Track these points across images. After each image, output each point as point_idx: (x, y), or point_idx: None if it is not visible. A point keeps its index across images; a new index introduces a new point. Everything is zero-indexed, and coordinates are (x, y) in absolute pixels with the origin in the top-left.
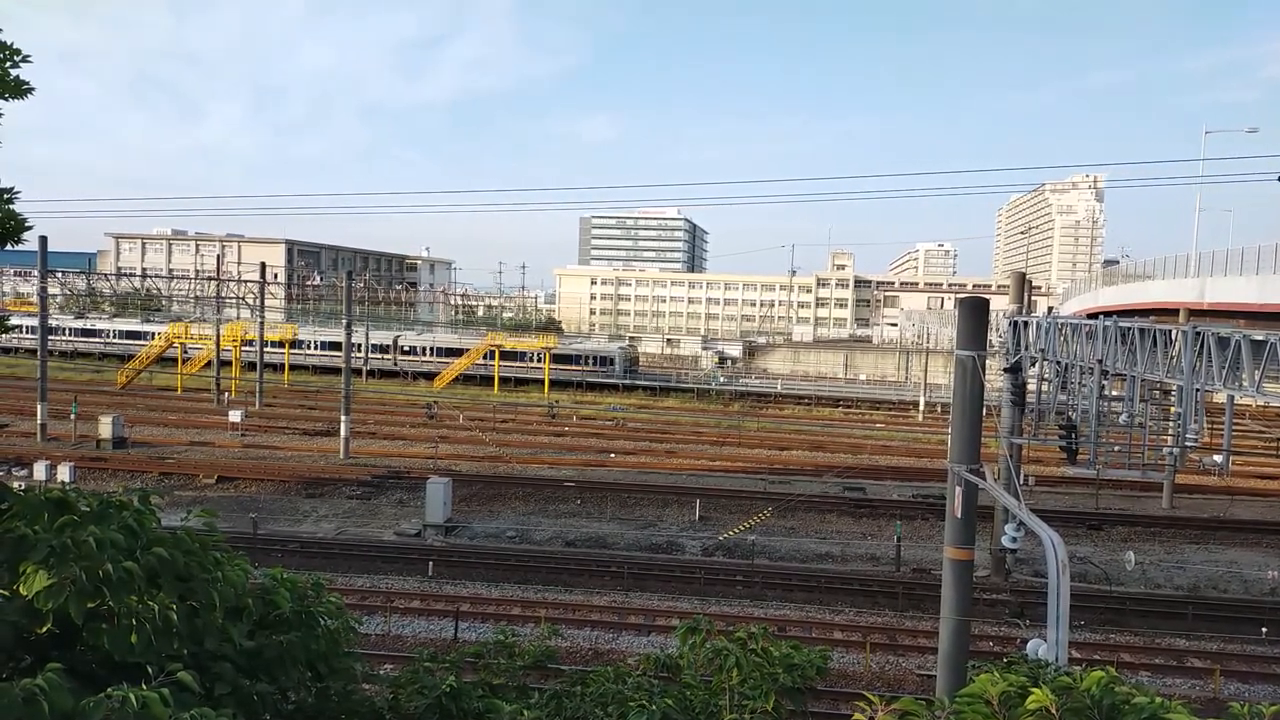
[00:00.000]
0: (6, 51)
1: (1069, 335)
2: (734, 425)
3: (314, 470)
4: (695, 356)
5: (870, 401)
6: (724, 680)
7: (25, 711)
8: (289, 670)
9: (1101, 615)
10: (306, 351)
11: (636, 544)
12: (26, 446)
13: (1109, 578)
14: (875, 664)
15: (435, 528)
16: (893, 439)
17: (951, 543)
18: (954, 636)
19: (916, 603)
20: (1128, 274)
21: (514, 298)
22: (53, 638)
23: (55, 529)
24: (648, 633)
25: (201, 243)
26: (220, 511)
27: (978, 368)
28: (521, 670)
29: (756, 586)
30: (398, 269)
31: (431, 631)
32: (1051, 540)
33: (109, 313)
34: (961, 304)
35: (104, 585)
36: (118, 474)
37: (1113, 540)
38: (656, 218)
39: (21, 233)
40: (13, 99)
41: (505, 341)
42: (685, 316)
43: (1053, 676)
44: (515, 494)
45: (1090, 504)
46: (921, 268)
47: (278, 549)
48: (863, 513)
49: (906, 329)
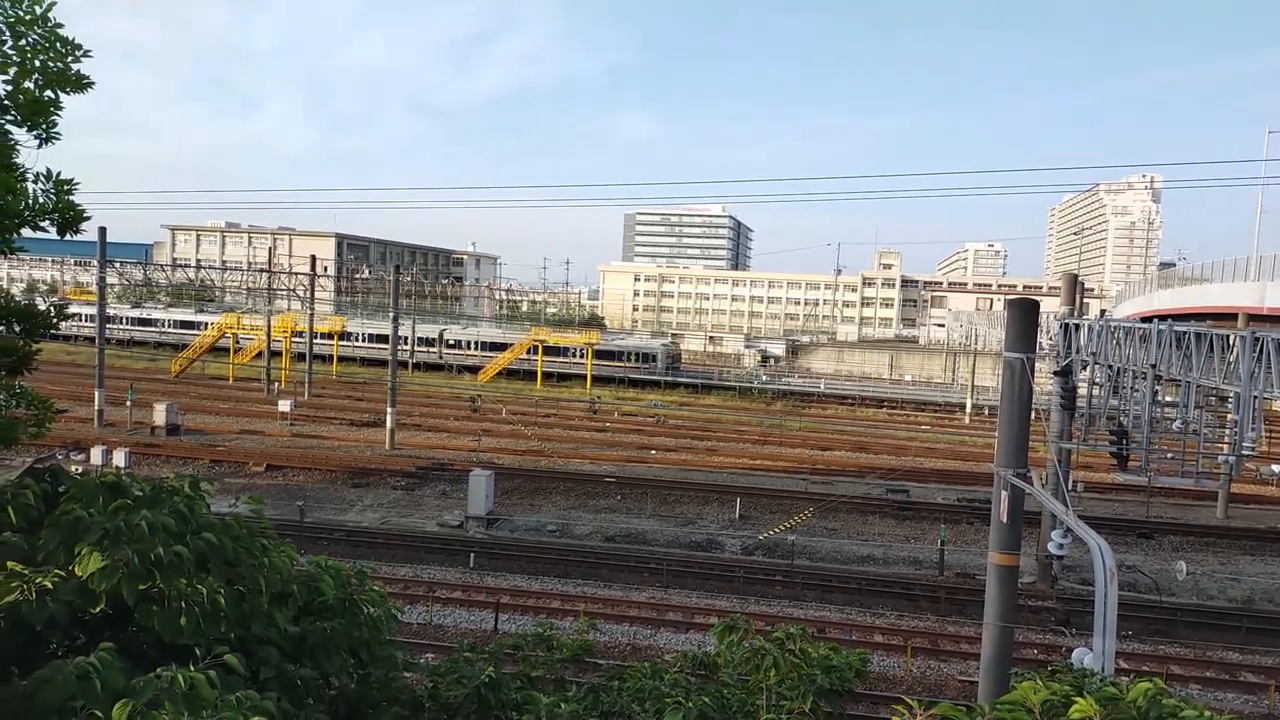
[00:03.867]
0: (69, 47)
1: (1122, 339)
2: (776, 424)
3: (360, 460)
4: (738, 355)
5: (916, 403)
6: (761, 680)
7: (79, 688)
8: (332, 656)
9: (1151, 625)
10: (354, 343)
11: (676, 541)
12: (84, 432)
13: (1159, 587)
14: (916, 669)
15: (477, 520)
16: (938, 441)
17: (996, 548)
18: (997, 643)
19: (959, 608)
20: (1184, 277)
21: (558, 294)
22: (106, 618)
23: (110, 512)
24: (686, 630)
25: (254, 235)
26: (268, 499)
27: (1026, 370)
28: (560, 663)
29: (796, 587)
30: (444, 263)
31: (472, 622)
32: (1099, 547)
33: (164, 303)
34: (1011, 305)
35: (155, 568)
36: (170, 460)
37: (1164, 549)
38: (701, 215)
39: (81, 223)
40: (74, 93)
41: (549, 337)
42: (728, 314)
43: (1098, 686)
44: (556, 488)
45: (1141, 512)
46: (971, 268)
47: (324, 537)
48: (906, 515)
49: (954, 330)
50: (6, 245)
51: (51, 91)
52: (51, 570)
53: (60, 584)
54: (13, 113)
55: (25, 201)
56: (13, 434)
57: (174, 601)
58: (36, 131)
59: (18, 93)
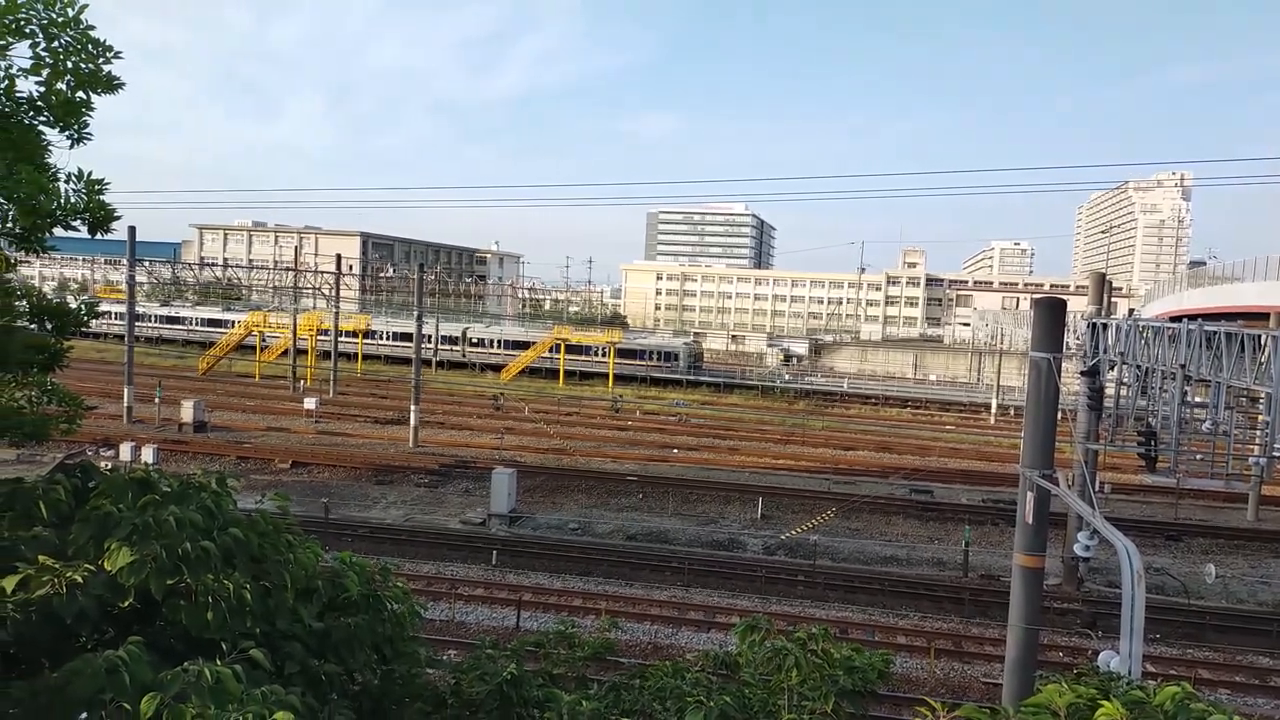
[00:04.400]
0: (100, 49)
1: (1150, 338)
2: (798, 424)
3: (384, 458)
4: (760, 354)
5: (940, 403)
6: (783, 680)
7: (108, 681)
8: (356, 652)
9: (1179, 629)
10: (379, 342)
11: (697, 540)
12: (113, 428)
13: (1187, 590)
14: (939, 670)
15: (500, 517)
16: (963, 442)
17: (1021, 549)
18: (1022, 645)
19: (983, 609)
20: (1215, 276)
21: (580, 292)
22: (134, 612)
23: (138, 508)
24: (707, 629)
25: (280, 234)
26: (293, 496)
27: (1053, 370)
28: (581, 661)
29: (818, 587)
30: (468, 262)
31: (494, 619)
32: (1126, 549)
33: (192, 301)
34: (1037, 304)
35: (183, 563)
36: (197, 457)
37: (1192, 552)
38: (723, 213)
39: (112, 222)
40: (105, 94)
41: (571, 335)
42: (751, 313)
43: (1124, 690)
44: (578, 486)
45: (1169, 514)
46: (996, 266)
47: (348, 534)
48: (930, 516)
49: (979, 329)
50: (39, 244)
51: (83, 92)
52: (81, 564)
53: (90, 578)
54: (46, 113)
55: (57, 201)
56: (45, 430)
57: (201, 596)
58: (68, 132)
59: (50, 94)
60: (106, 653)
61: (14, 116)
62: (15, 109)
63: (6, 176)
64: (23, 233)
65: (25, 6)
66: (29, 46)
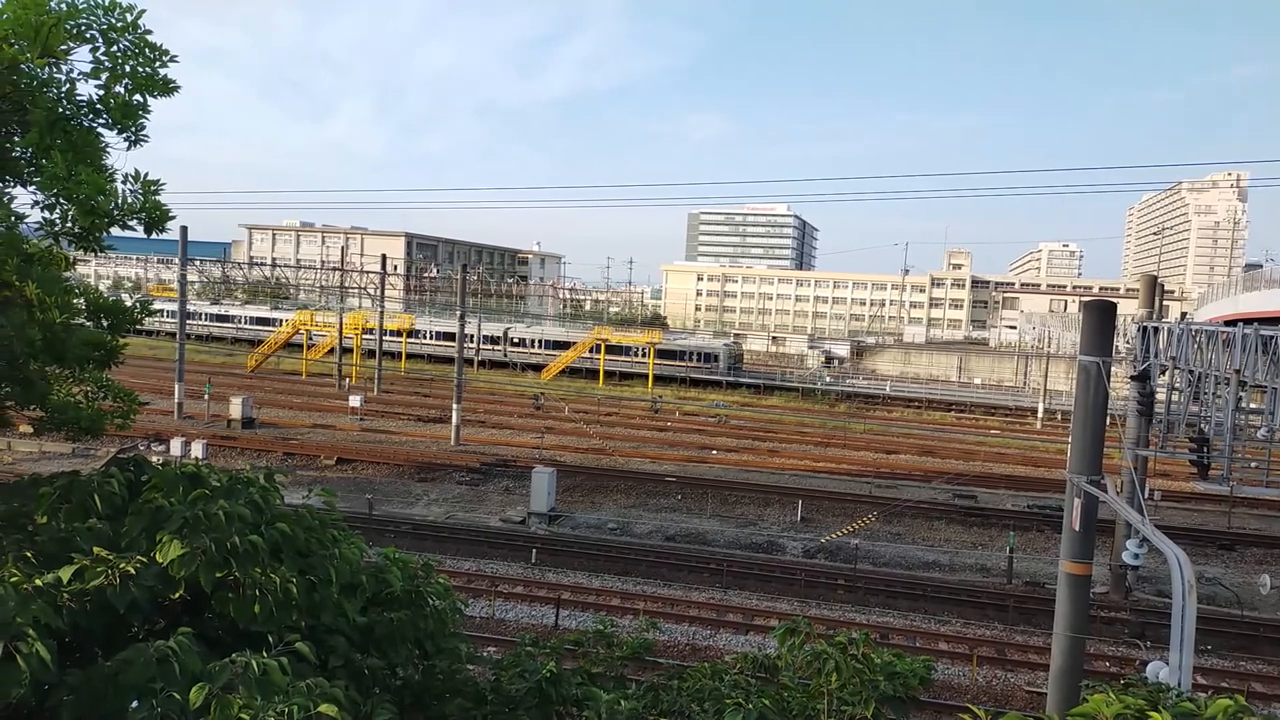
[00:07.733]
0: (156, 52)
1: (1204, 343)
2: (839, 426)
3: (426, 455)
4: (801, 355)
5: (985, 406)
6: (822, 684)
7: (158, 671)
8: (399, 647)
9: (1231, 640)
10: (422, 341)
11: (736, 542)
12: (164, 424)
13: (1241, 601)
14: (982, 677)
15: (539, 516)
16: (1008, 446)
17: (1068, 556)
18: (1067, 654)
19: (1028, 617)
20: (1272, 279)
21: (621, 293)
22: (184, 604)
23: (189, 501)
24: (745, 631)
25: (327, 235)
26: (338, 492)
27: (1102, 374)
28: (620, 661)
29: (859, 592)
30: (510, 262)
31: (533, 617)
32: (1177, 558)
33: (241, 300)
34: (1086, 307)
35: (231, 556)
36: (245, 452)
37: (1246, 562)
38: (765, 214)
39: (166, 222)
40: (161, 96)
41: (611, 336)
42: (792, 315)
43: (1174, 702)
44: (617, 486)
45: (1221, 522)
46: (1044, 268)
47: (390, 530)
48: (973, 521)
49: (1026, 332)
50: (97, 243)
51: (140, 95)
52: (134, 556)
53: (142, 570)
54: (104, 116)
55: (115, 202)
56: (100, 425)
57: (248, 589)
58: (126, 134)
59: (109, 97)
60: (157, 643)
61: (75, 119)
62: (76, 112)
63: (67, 178)
64: (81, 232)
65: (86, 12)
66: (89, 51)
